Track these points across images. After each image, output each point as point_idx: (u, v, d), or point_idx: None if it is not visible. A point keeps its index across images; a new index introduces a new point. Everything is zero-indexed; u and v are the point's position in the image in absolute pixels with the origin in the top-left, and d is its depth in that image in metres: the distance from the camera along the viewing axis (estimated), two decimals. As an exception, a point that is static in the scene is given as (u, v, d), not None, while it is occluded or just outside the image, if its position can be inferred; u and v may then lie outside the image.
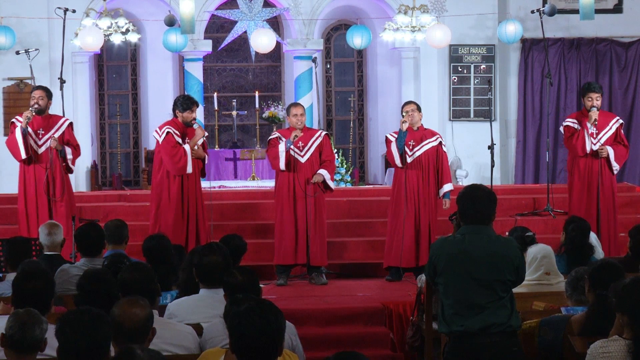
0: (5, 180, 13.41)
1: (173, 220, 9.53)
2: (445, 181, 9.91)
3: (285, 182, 9.79)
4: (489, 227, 5.09)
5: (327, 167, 9.85)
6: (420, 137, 9.91)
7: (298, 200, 9.74)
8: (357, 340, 8.08)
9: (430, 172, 9.86)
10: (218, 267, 5.44)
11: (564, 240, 7.55)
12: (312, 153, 9.83)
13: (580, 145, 10.11)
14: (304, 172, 9.78)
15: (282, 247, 9.77)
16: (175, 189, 9.58)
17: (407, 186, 9.81)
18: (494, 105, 14.22)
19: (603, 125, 10.14)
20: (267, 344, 3.75)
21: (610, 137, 10.14)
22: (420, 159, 9.85)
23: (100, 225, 7.28)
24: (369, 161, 16.13)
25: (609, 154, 10.04)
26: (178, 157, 9.56)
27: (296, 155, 9.77)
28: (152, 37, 14.98)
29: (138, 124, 15.88)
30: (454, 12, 14.20)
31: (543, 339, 5.27)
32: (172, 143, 9.59)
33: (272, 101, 15.71)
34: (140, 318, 4.28)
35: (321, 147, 9.89)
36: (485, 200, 5.09)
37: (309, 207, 9.73)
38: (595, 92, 10.12)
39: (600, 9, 13.98)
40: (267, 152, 10.00)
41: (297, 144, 9.78)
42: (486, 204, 5.07)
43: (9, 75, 13.73)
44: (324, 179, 9.77)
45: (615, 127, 10.21)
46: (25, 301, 4.74)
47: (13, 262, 6.74)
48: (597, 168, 10.07)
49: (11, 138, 9.81)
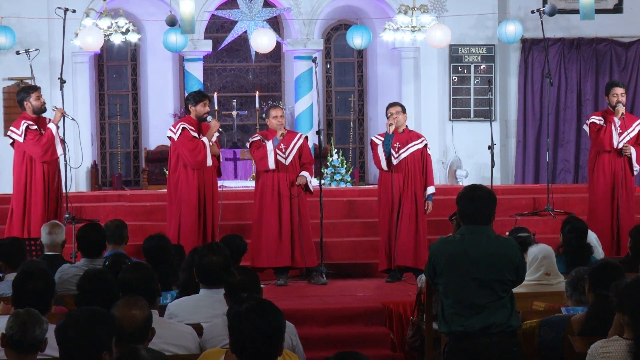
0: (5, 180, 13.41)
1: (193, 219, 9.57)
2: (428, 184, 9.91)
3: (269, 183, 9.78)
4: (489, 227, 5.08)
5: (308, 169, 9.87)
6: (405, 139, 9.91)
7: (283, 201, 9.74)
8: (357, 340, 8.07)
9: (416, 174, 9.86)
10: (218, 267, 5.44)
11: (562, 241, 7.55)
12: (294, 155, 9.84)
13: (608, 139, 10.14)
14: (289, 173, 9.80)
15: (264, 249, 9.74)
16: (194, 188, 9.61)
17: (394, 188, 9.82)
18: (494, 105, 14.22)
19: (627, 125, 10.17)
20: (268, 344, 3.75)
21: (633, 138, 10.20)
22: (406, 161, 9.85)
23: (101, 226, 7.28)
24: (369, 161, 16.12)
25: (631, 153, 10.08)
26: (198, 149, 9.61)
27: (280, 158, 9.79)
28: (152, 37, 14.98)
29: (138, 124, 15.88)
30: (454, 12, 14.20)
31: (543, 339, 5.27)
32: (190, 137, 9.63)
33: (272, 101, 15.72)
34: (140, 320, 4.28)
35: (301, 150, 9.90)
36: (485, 200, 5.08)
37: (294, 208, 9.74)
38: (619, 87, 10.23)
39: (600, 9, 13.98)
40: (253, 154, 9.98)
41: (279, 147, 9.79)
42: (486, 203, 5.07)
43: (9, 75, 13.73)
44: (306, 181, 9.79)
45: (638, 129, 10.25)
46: (25, 301, 4.74)
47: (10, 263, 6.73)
48: (621, 167, 10.12)
49: (49, 137, 9.70)
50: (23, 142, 9.68)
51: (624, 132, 10.16)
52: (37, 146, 9.67)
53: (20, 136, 9.68)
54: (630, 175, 10.24)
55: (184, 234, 9.52)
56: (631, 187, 10.26)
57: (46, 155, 9.73)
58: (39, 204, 9.70)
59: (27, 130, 9.66)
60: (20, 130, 9.69)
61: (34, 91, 9.83)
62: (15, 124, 9.78)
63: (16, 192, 9.81)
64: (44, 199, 9.73)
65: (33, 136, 9.68)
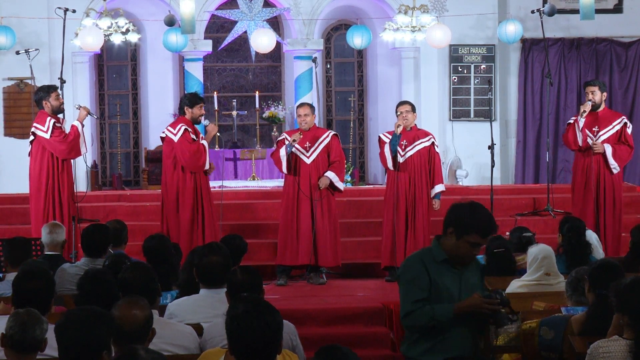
0: (5, 180, 13.42)
1: (190, 219, 9.53)
2: (437, 182, 9.87)
3: (290, 183, 9.79)
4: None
5: (335, 168, 9.78)
6: (412, 137, 9.88)
7: (301, 203, 9.72)
8: (357, 340, 8.06)
9: (422, 173, 9.83)
10: (218, 267, 5.44)
11: (561, 241, 7.55)
12: (318, 154, 9.78)
13: (572, 138, 10.12)
14: (308, 173, 9.75)
15: (284, 248, 9.77)
16: (191, 188, 9.58)
17: (399, 186, 9.81)
18: (494, 105, 14.22)
19: (606, 123, 10.10)
20: (266, 344, 3.74)
21: (612, 136, 10.05)
22: (412, 159, 9.83)
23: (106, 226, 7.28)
24: (369, 161, 16.13)
25: (605, 151, 9.99)
26: (199, 154, 9.55)
27: (301, 156, 9.76)
28: (152, 37, 14.98)
29: (138, 124, 15.88)
30: (454, 12, 14.20)
31: (543, 339, 5.27)
32: (190, 139, 9.57)
33: (272, 101, 15.72)
34: (140, 320, 4.28)
35: (329, 148, 9.82)
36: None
37: (316, 209, 9.70)
38: (590, 85, 10.17)
39: (600, 9, 13.98)
40: (272, 155, 9.98)
41: (304, 144, 9.75)
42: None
43: (9, 75, 13.73)
44: (330, 182, 9.74)
45: (618, 127, 10.11)
46: (25, 301, 4.74)
47: (13, 262, 6.74)
48: (596, 166, 10.03)
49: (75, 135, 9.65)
50: (49, 139, 9.60)
51: (602, 130, 10.06)
52: (63, 144, 9.57)
53: (46, 132, 9.53)
54: (608, 174, 10.05)
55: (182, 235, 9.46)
56: (610, 185, 10.06)
57: (71, 153, 9.68)
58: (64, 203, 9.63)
59: (53, 127, 9.60)
60: (46, 126, 9.56)
61: (54, 91, 9.77)
62: (39, 121, 9.60)
63: (35, 189, 9.62)
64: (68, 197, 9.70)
65: (59, 134, 9.60)
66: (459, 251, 4.79)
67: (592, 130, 10.06)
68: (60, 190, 9.61)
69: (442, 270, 4.82)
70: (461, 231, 4.76)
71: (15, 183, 12.77)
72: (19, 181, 12.66)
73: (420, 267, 4.82)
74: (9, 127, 13.79)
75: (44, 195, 9.57)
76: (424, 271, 4.80)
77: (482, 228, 4.74)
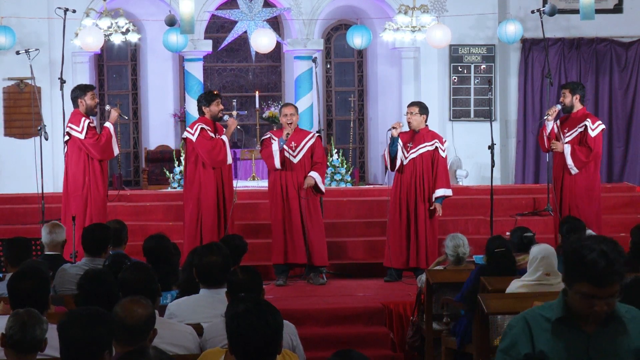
0: (5, 180, 13.42)
1: (213, 219, 9.58)
2: (439, 186, 9.78)
3: (277, 181, 9.80)
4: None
5: (318, 169, 9.82)
6: (419, 139, 9.89)
7: (291, 200, 9.74)
8: (357, 340, 8.08)
9: (424, 176, 9.83)
10: (218, 267, 5.44)
11: (561, 242, 7.56)
12: (304, 154, 9.81)
13: (540, 142, 10.25)
14: (296, 172, 9.78)
15: (279, 247, 9.79)
16: (212, 188, 9.61)
17: (401, 188, 9.83)
18: (494, 105, 14.22)
19: (573, 125, 10.01)
20: (266, 344, 3.74)
21: (574, 138, 9.89)
22: (414, 162, 9.84)
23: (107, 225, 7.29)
24: (369, 161, 16.13)
25: (564, 151, 9.87)
26: (217, 149, 9.60)
27: (289, 156, 9.78)
28: (152, 37, 14.98)
29: (138, 124, 15.89)
30: (454, 12, 14.21)
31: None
32: (208, 137, 9.62)
33: (272, 101, 15.73)
34: (142, 316, 4.27)
35: (313, 149, 9.86)
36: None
37: (304, 208, 9.74)
38: (563, 88, 10.20)
39: (601, 9, 13.98)
40: (261, 152, 10.01)
41: (290, 145, 9.78)
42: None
43: (9, 75, 13.73)
44: (314, 182, 9.76)
45: (581, 129, 9.88)
46: (20, 301, 4.72)
47: (13, 262, 6.73)
48: (561, 166, 9.96)
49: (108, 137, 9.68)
50: (84, 139, 9.59)
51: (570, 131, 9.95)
52: (97, 145, 9.60)
53: (81, 133, 9.55)
54: (568, 174, 9.86)
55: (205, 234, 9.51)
56: (568, 185, 9.87)
57: (104, 154, 9.72)
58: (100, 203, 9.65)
59: (88, 128, 9.60)
60: (80, 127, 9.58)
61: (90, 90, 9.80)
62: (74, 121, 9.62)
63: (73, 189, 9.61)
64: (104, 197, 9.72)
65: (93, 134, 9.63)
66: (573, 305, 3.54)
67: (563, 132, 10.01)
68: (96, 190, 9.63)
69: (559, 334, 3.51)
70: (570, 279, 3.62)
71: (15, 183, 12.78)
72: (19, 181, 12.69)
73: (521, 330, 3.56)
74: (9, 127, 13.78)
75: (84, 195, 9.57)
76: (525, 336, 3.54)
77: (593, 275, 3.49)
